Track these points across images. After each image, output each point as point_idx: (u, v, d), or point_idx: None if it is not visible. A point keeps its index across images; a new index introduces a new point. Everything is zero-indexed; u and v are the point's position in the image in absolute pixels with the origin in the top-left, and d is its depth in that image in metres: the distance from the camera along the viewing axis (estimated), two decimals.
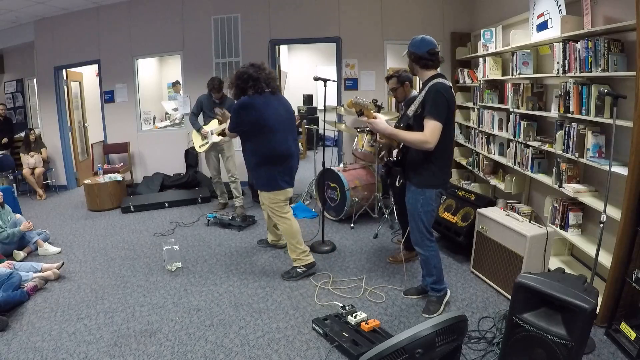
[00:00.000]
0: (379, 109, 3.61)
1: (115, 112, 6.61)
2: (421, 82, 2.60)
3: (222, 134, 4.91)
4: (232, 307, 2.94)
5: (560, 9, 3.22)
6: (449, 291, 2.87)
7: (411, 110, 2.49)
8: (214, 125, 4.94)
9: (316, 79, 3.83)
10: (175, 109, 8.04)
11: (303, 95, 9.63)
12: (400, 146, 2.65)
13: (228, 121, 3.86)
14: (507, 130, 4.07)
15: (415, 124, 2.49)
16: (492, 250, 3.09)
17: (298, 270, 3.33)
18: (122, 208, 5.35)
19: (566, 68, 3.05)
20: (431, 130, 2.36)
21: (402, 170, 2.66)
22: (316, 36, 6.05)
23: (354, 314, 2.61)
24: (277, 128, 3.17)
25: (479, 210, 3.25)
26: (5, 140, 6.61)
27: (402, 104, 3.46)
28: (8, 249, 3.86)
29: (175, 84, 8.49)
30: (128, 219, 5.09)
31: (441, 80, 2.46)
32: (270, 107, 3.17)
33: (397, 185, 2.83)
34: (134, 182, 6.62)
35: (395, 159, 2.64)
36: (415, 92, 3.43)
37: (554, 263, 3.20)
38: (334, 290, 3.13)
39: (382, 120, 2.46)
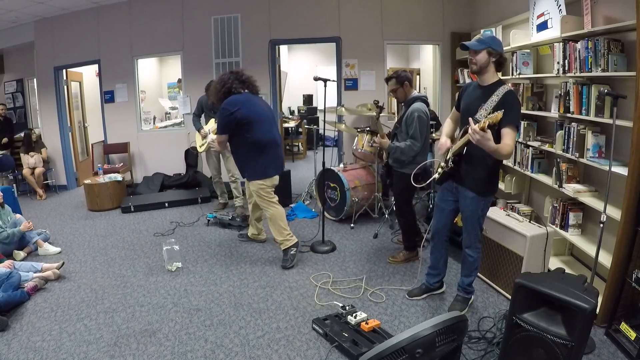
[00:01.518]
0: (380, 109, 3.59)
1: (115, 112, 6.60)
2: (482, 84, 2.46)
3: None
4: (232, 307, 2.94)
5: (560, 9, 3.22)
6: (473, 296, 2.89)
7: (482, 115, 2.33)
8: (211, 124, 4.96)
9: (316, 79, 3.83)
10: (173, 108, 8.04)
11: (303, 95, 9.64)
12: (454, 154, 2.53)
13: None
14: None
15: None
16: (492, 250, 3.09)
17: (291, 252, 3.53)
18: (122, 208, 5.34)
19: (566, 68, 3.05)
20: (513, 139, 2.31)
21: (449, 175, 2.59)
22: (316, 36, 6.04)
23: (354, 314, 2.61)
24: (262, 119, 3.43)
25: None
26: (5, 140, 6.61)
27: (402, 104, 3.46)
28: (8, 249, 3.85)
29: (180, 81, 8.50)
30: (128, 219, 5.09)
31: (511, 87, 2.39)
32: (252, 102, 3.45)
33: (426, 182, 2.76)
34: (134, 182, 6.61)
35: (449, 166, 2.53)
36: (415, 92, 3.42)
37: (554, 263, 3.20)
38: (334, 290, 3.13)
39: (491, 136, 2.19)
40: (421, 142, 3.21)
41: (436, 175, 2.62)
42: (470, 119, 2.26)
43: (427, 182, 2.71)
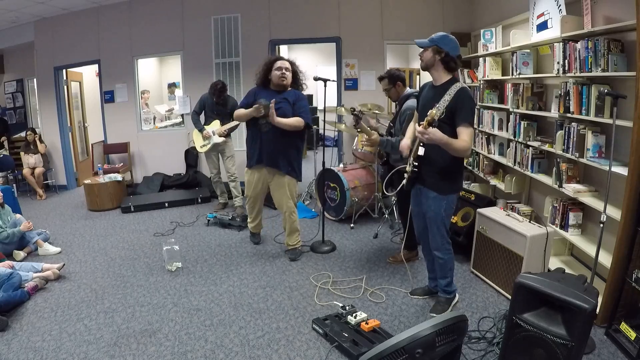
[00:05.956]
0: (357, 118, 3.27)
1: (115, 112, 6.61)
2: (435, 83, 2.53)
3: (223, 134, 4.91)
4: (232, 307, 2.94)
5: (560, 9, 3.22)
6: (457, 295, 2.89)
7: (436, 115, 2.34)
8: (215, 125, 4.95)
9: (316, 79, 3.82)
10: (169, 110, 8.07)
11: None
12: (417, 153, 2.53)
13: (231, 123, 4.64)
14: (507, 130, 4.07)
15: (438, 129, 2.35)
16: (492, 250, 3.09)
17: (302, 249, 3.82)
18: (122, 208, 5.35)
19: (566, 68, 3.05)
20: (469, 136, 2.37)
21: (414, 177, 2.59)
22: (316, 36, 6.05)
23: (354, 314, 2.61)
24: None
25: (479, 210, 3.25)
26: (4, 138, 6.63)
27: (396, 103, 3.45)
28: (8, 249, 3.85)
29: (170, 86, 8.55)
30: (128, 219, 5.09)
31: (464, 84, 2.44)
32: None
33: (396, 190, 2.78)
34: (134, 182, 6.62)
35: (414, 168, 2.54)
36: (408, 89, 3.41)
37: (554, 263, 3.20)
38: (334, 290, 3.13)
39: (438, 130, 2.32)
40: None
41: (404, 182, 2.63)
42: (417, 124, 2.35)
43: (397, 189, 2.71)
